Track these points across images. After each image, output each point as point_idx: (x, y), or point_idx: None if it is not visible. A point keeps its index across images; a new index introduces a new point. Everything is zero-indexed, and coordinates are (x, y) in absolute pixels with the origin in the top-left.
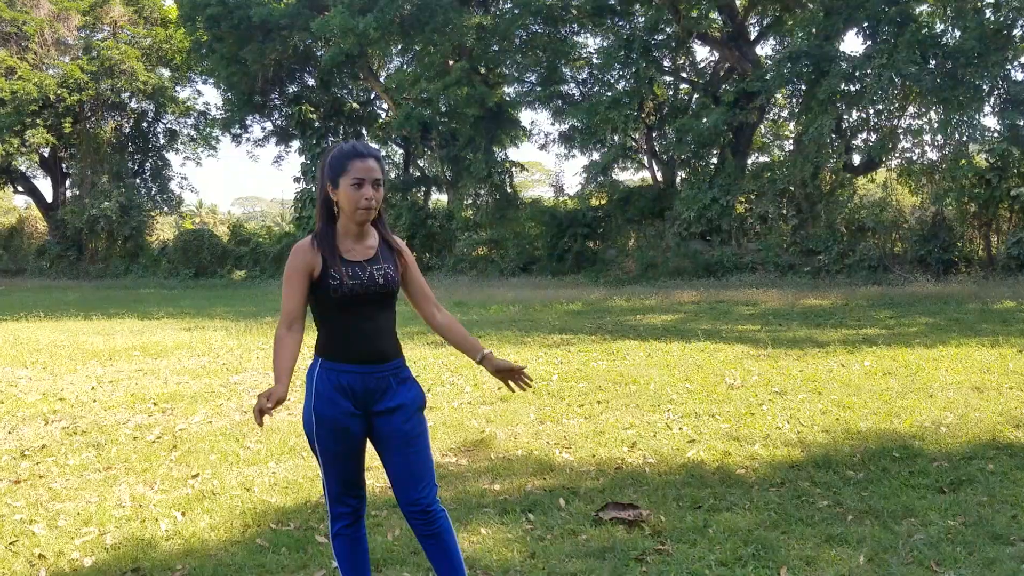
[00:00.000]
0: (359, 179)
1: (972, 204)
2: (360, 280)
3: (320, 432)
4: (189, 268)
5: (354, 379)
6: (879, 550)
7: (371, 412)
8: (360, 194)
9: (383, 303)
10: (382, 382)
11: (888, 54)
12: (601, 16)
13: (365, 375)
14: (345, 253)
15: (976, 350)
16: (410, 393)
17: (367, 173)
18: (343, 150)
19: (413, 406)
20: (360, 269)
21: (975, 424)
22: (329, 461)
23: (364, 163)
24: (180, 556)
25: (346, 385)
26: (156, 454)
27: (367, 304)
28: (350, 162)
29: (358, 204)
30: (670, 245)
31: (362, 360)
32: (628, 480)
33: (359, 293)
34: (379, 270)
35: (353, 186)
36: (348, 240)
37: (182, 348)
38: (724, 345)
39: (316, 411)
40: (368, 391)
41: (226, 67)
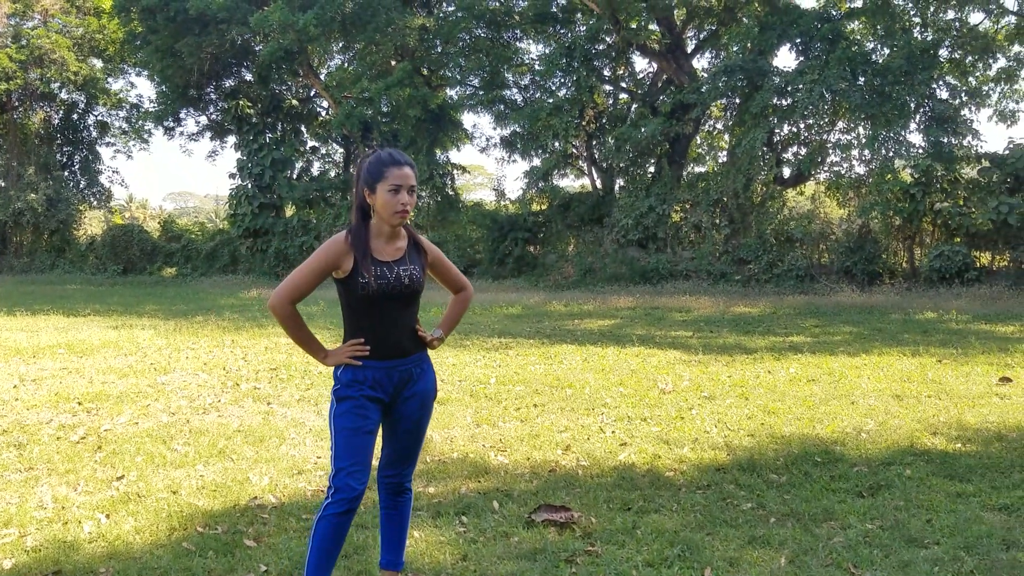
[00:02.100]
0: (396, 185)
1: (897, 218)
2: (387, 280)
3: (342, 407)
4: (117, 264)
5: (379, 374)
6: (800, 552)
7: (393, 400)
8: (397, 199)
9: (408, 301)
10: (404, 374)
11: (819, 70)
12: (543, 23)
13: (389, 369)
14: (375, 253)
15: (897, 359)
16: (428, 383)
17: (404, 180)
18: (381, 158)
19: (428, 395)
20: (388, 269)
21: (894, 431)
22: (344, 436)
23: (401, 171)
24: (104, 559)
25: (369, 378)
26: (80, 455)
27: (393, 302)
28: (388, 169)
29: (395, 209)
30: (608, 251)
31: (386, 356)
32: (561, 483)
33: (386, 292)
34: (406, 271)
35: (391, 192)
36: (380, 241)
37: (109, 346)
38: (657, 350)
39: (338, 394)
40: (392, 383)
41: (160, 59)
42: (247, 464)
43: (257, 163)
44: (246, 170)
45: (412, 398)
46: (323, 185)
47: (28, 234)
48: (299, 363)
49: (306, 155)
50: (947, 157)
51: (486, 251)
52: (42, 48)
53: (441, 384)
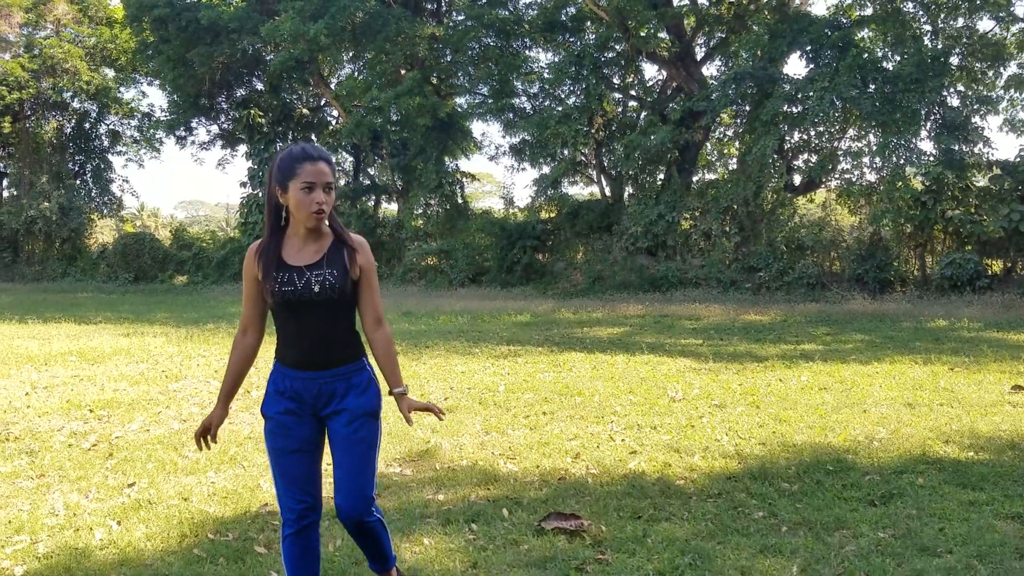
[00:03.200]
0: (309, 183)
1: (908, 225)
2: (294, 287)
3: (265, 428)
4: (129, 272)
5: (297, 383)
6: (812, 561)
7: (320, 416)
8: (311, 198)
9: (325, 310)
10: (327, 387)
11: (830, 77)
12: (552, 32)
13: (307, 380)
14: (289, 257)
15: (909, 367)
16: (360, 399)
17: (318, 176)
18: (292, 153)
19: (358, 411)
20: (297, 275)
21: (906, 439)
22: (272, 458)
23: (315, 166)
24: (115, 566)
25: (288, 388)
26: (91, 462)
27: (306, 311)
28: (300, 165)
29: (309, 208)
30: (617, 259)
31: (301, 366)
32: (571, 491)
33: (291, 300)
34: (318, 276)
35: (303, 190)
36: (295, 244)
37: (120, 354)
38: (667, 358)
39: (263, 411)
40: (312, 395)
41: (172, 69)
42: (257, 471)
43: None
44: (257, 179)
45: (340, 413)
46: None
47: (40, 242)
48: None
49: None
50: (958, 165)
51: (495, 259)
52: (55, 58)
53: (450, 391)
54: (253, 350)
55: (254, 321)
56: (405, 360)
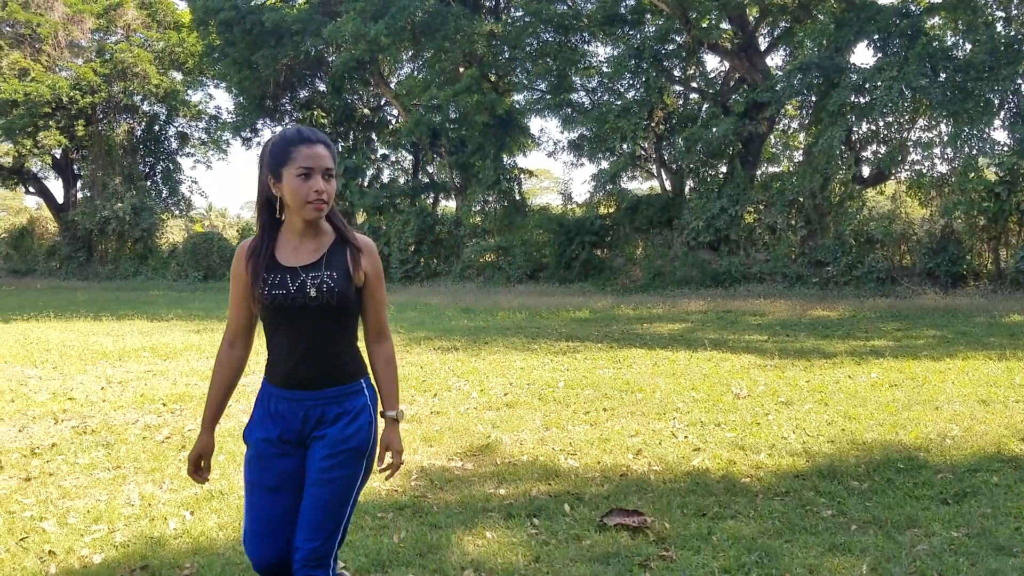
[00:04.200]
0: (306, 168)
1: (981, 217)
2: (287, 290)
3: (246, 455)
4: (198, 271)
5: (283, 405)
6: (882, 560)
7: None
8: (308, 186)
9: (321, 319)
10: (313, 411)
11: (898, 66)
12: (612, 25)
13: (293, 402)
14: (283, 257)
15: (983, 363)
16: (347, 430)
17: (316, 161)
18: (286, 136)
19: (340, 444)
20: (291, 277)
21: (980, 437)
22: (246, 492)
23: (312, 149)
24: (188, 554)
25: (274, 411)
26: (165, 454)
27: (299, 319)
28: (295, 149)
29: (307, 198)
30: (678, 254)
31: (288, 384)
32: (633, 487)
33: (283, 305)
34: (315, 279)
35: (300, 177)
36: (291, 241)
37: (191, 350)
38: (731, 355)
39: (244, 434)
40: (299, 419)
41: (238, 71)
42: None
43: None
44: None
45: (321, 439)
46: (393, 192)
47: (113, 242)
48: None
49: (376, 163)
50: None
51: (553, 255)
52: (125, 62)
53: (509, 387)
54: (241, 364)
55: (243, 331)
56: (465, 356)
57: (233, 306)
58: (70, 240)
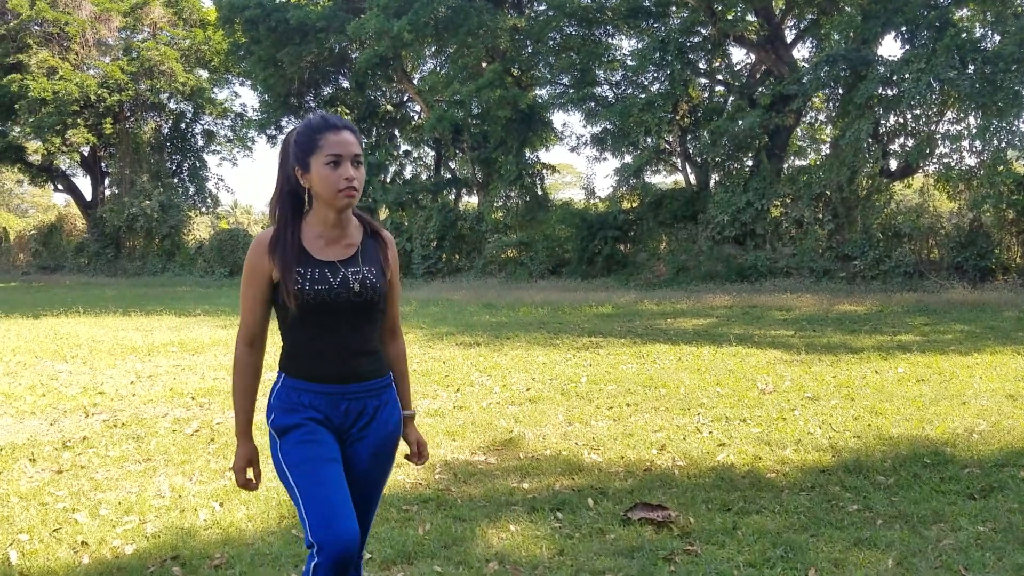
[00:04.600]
0: (335, 155)
1: (1010, 211)
2: (329, 285)
3: (286, 447)
4: (224, 267)
5: (320, 400)
6: (908, 554)
7: (343, 436)
8: (338, 174)
9: (360, 313)
10: (356, 405)
11: (926, 59)
12: (636, 18)
13: (334, 396)
14: (315, 251)
15: (1011, 358)
16: (388, 427)
17: (344, 148)
18: (311, 124)
19: (385, 441)
20: (331, 271)
21: (1008, 432)
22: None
23: (339, 136)
24: (219, 545)
25: (308, 403)
26: (194, 447)
27: (338, 315)
28: (322, 136)
29: (337, 186)
30: (703, 249)
31: (329, 379)
32: (657, 482)
33: (326, 301)
34: (356, 274)
35: (329, 165)
36: (322, 234)
37: (219, 345)
38: (756, 350)
39: (277, 427)
40: (340, 413)
41: (263, 69)
42: None
43: None
44: None
45: (363, 440)
46: (415, 188)
47: (141, 239)
48: None
49: (399, 159)
50: None
51: (575, 250)
52: (152, 60)
53: (532, 382)
54: (261, 366)
55: (262, 331)
56: (487, 351)
57: (251, 305)
58: (98, 237)
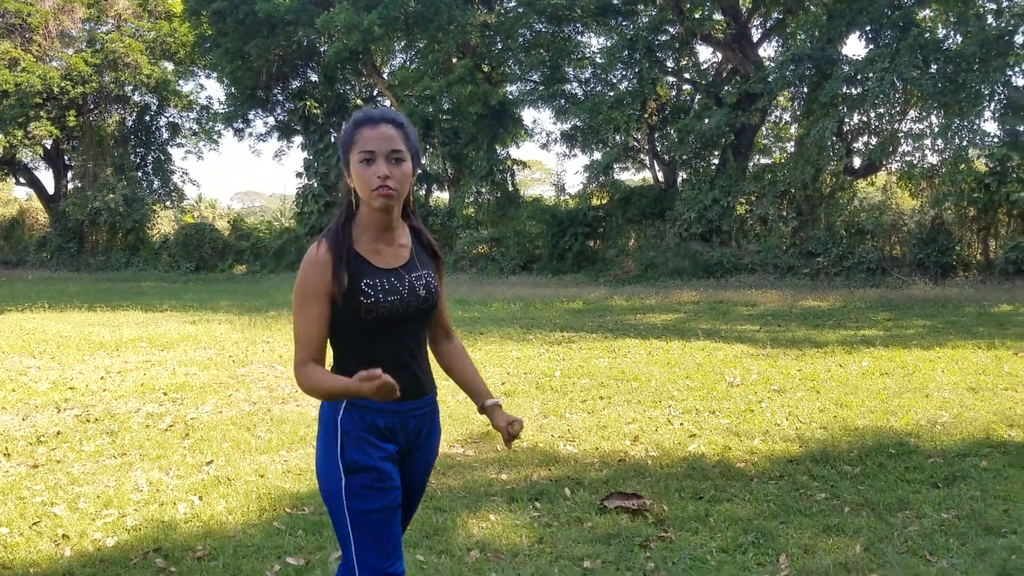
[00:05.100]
0: (369, 152)
1: (971, 208)
2: (400, 295)
3: (352, 488)
4: (190, 262)
5: (392, 420)
6: (875, 540)
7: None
8: (371, 172)
9: (421, 321)
10: (422, 422)
11: (890, 58)
12: (605, 16)
13: (404, 415)
14: (376, 259)
15: (972, 352)
16: (436, 440)
17: (379, 143)
18: (353, 118)
19: (432, 456)
20: (397, 279)
21: (970, 423)
22: (366, 526)
23: (375, 130)
24: (200, 537)
25: (383, 426)
26: (169, 442)
27: (405, 324)
28: (357, 131)
29: (371, 186)
30: (670, 245)
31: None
32: (631, 472)
33: (399, 312)
34: (419, 279)
35: (363, 163)
36: (373, 240)
37: (188, 340)
38: (724, 344)
39: (347, 461)
40: (407, 433)
41: (230, 61)
42: None
43: (323, 162)
44: (312, 169)
45: (418, 453)
46: None
47: (104, 233)
48: None
49: None
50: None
51: (546, 246)
52: (116, 52)
53: (507, 376)
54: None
55: (322, 351)
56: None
57: (314, 329)
58: (61, 231)
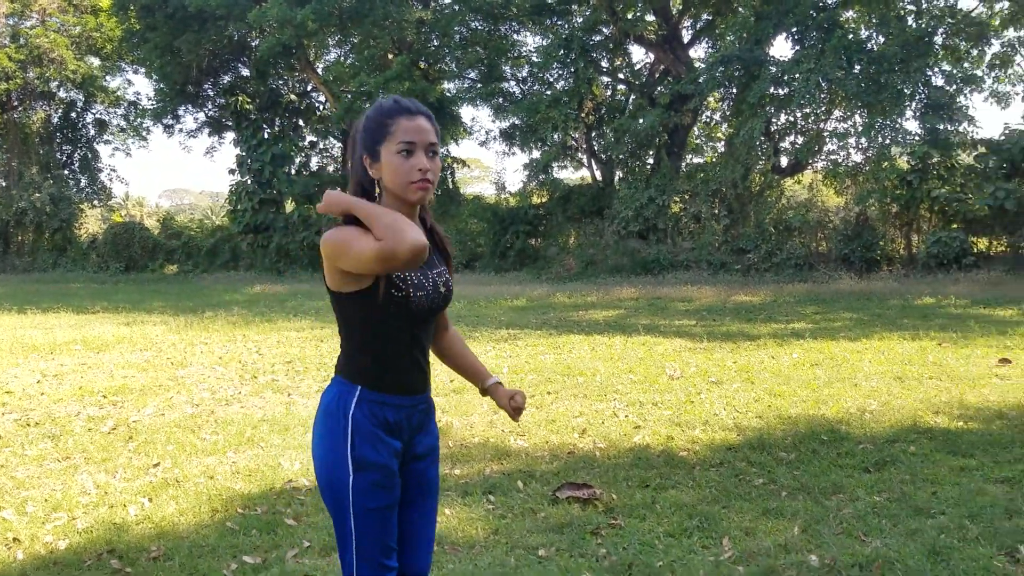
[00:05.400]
0: (408, 143)
1: (894, 205)
2: (426, 291)
3: (361, 485)
4: (119, 262)
5: (399, 414)
6: (811, 522)
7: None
8: (411, 164)
9: (435, 318)
10: (423, 416)
11: (815, 59)
12: (540, 15)
13: (410, 408)
14: None
15: (897, 343)
16: (436, 429)
17: (418, 135)
18: (383, 108)
19: (436, 445)
20: (423, 275)
21: (897, 410)
22: (371, 524)
23: (413, 122)
24: (153, 539)
25: (392, 421)
26: (113, 444)
27: (426, 320)
28: (393, 121)
29: (410, 178)
30: (609, 243)
31: (410, 390)
32: (580, 463)
33: (424, 307)
34: (440, 276)
35: (401, 154)
36: None
37: (123, 342)
38: (663, 339)
39: (356, 457)
40: (411, 428)
41: (159, 57)
42: (276, 451)
43: (256, 159)
44: (245, 166)
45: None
46: (323, 180)
47: (30, 233)
48: (313, 356)
49: (305, 150)
50: (943, 144)
51: (488, 244)
52: (41, 47)
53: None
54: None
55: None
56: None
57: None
58: None
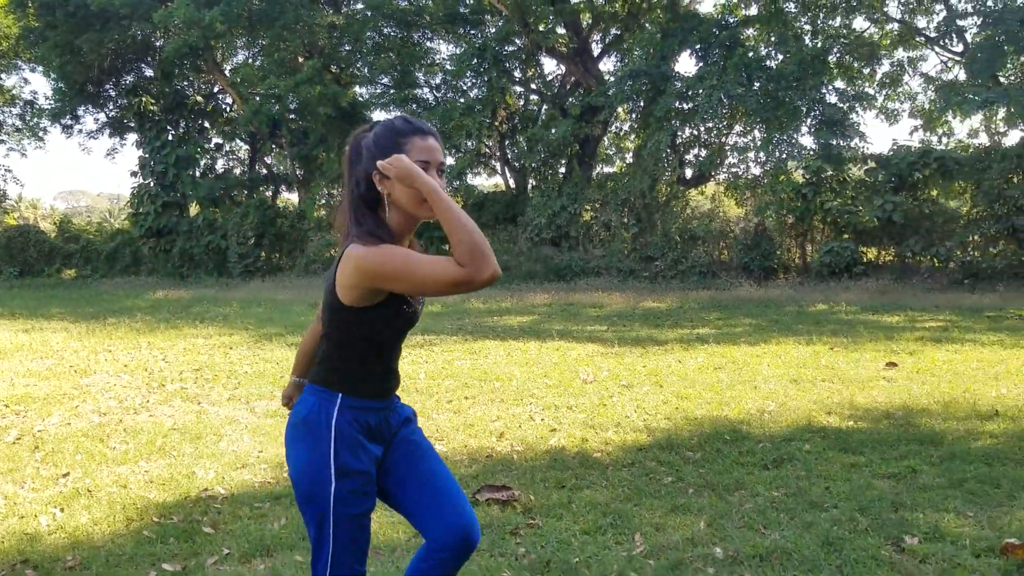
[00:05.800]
0: (423, 163)
1: (790, 216)
2: (421, 302)
3: (342, 493)
4: (13, 267)
5: (379, 416)
6: (716, 517)
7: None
8: None
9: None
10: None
11: (718, 75)
12: (453, 24)
13: (383, 410)
14: None
15: (793, 347)
16: (407, 408)
17: (432, 155)
18: (395, 127)
19: (413, 419)
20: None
21: (793, 411)
22: (349, 530)
23: (426, 142)
24: (67, 548)
25: (373, 424)
26: (19, 455)
27: (407, 331)
28: (407, 140)
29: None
30: (523, 249)
31: (388, 393)
32: (499, 466)
33: (415, 318)
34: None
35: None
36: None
37: (22, 350)
38: (576, 344)
39: (340, 464)
40: (388, 427)
41: (59, 55)
42: (189, 460)
43: (160, 161)
44: (148, 168)
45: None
46: (229, 183)
47: None
48: (222, 363)
49: (211, 152)
50: (836, 159)
51: None
52: None
53: None
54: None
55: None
56: None
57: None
58: None
